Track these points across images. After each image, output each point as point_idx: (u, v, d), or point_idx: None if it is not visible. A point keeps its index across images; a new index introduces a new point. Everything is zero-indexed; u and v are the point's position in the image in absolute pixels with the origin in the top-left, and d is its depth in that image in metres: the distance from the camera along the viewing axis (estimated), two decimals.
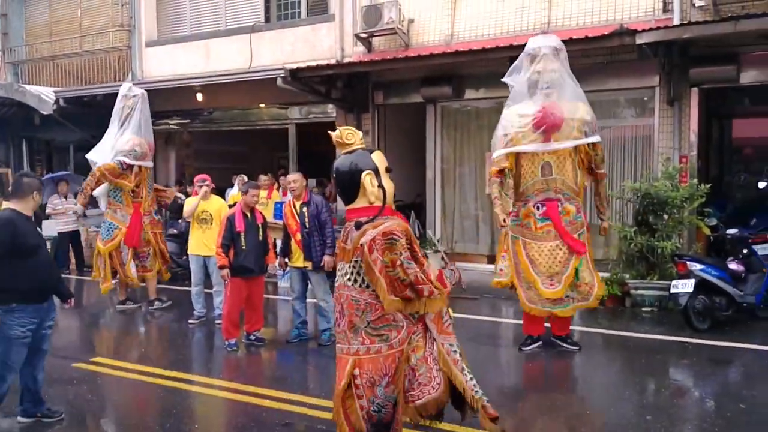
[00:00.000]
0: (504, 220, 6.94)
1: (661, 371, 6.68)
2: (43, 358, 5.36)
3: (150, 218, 10.00)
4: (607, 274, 9.45)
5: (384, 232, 3.56)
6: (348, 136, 3.88)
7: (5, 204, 5.19)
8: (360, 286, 3.66)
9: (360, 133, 4.01)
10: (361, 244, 3.60)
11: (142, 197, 9.81)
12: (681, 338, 7.56)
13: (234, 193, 12.44)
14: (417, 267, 3.57)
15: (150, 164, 10.05)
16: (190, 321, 8.80)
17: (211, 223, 8.53)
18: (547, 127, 6.70)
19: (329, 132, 4.05)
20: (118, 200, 9.75)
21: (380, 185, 3.78)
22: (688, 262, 7.94)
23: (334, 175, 3.86)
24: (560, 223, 6.82)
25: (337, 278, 3.86)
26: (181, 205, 13.26)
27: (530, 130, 6.76)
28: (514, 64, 7.13)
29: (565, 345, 7.18)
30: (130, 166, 9.60)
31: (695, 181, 9.28)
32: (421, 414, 3.79)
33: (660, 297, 8.91)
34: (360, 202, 3.77)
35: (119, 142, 9.69)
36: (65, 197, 13.04)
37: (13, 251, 4.87)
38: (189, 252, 8.89)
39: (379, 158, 3.92)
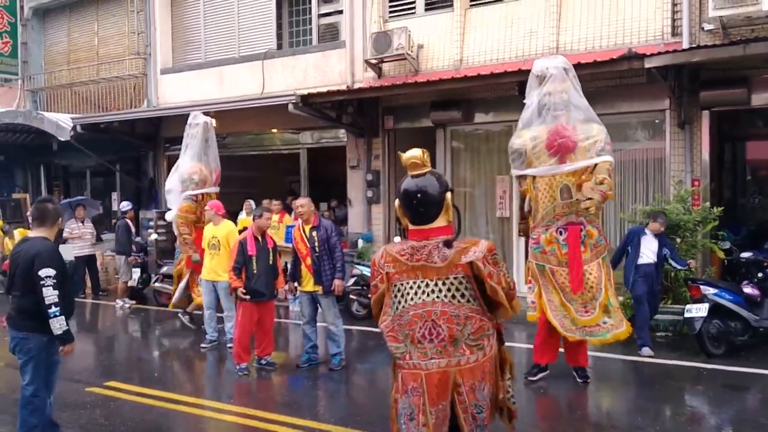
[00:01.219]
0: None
1: (675, 397, 6.61)
2: (55, 383, 5.40)
3: None
4: (621, 298, 9.39)
5: (489, 247, 3.77)
6: (427, 158, 3.97)
7: (32, 232, 5.20)
8: (459, 301, 3.78)
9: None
10: (470, 261, 3.74)
11: (203, 222, 9.72)
12: (696, 363, 7.49)
13: (243, 217, 12.53)
14: None
15: (213, 190, 10.06)
16: (202, 345, 8.84)
17: (219, 249, 8.58)
18: (559, 149, 6.61)
19: (400, 153, 4.11)
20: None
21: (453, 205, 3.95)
22: (701, 286, 7.88)
23: (419, 196, 3.86)
24: (578, 249, 6.67)
25: (415, 296, 3.86)
26: None
27: (543, 152, 6.68)
28: (527, 87, 7.04)
29: (577, 376, 7.03)
30: (199, 196, 9.72)
31: (708, 204, 9.25)
32: (500, 410, 4.00)
33: (674, 321, 8.83)
34: (440, 222, 3.86)
35: (181, 170, 9.84)
36: (82, 222, 13.21)
37: (62, 279, 4.97)
38: (200, 277, 8.96)
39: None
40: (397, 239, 4.37)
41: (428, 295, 3.82)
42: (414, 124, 12.22)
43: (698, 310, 7.73)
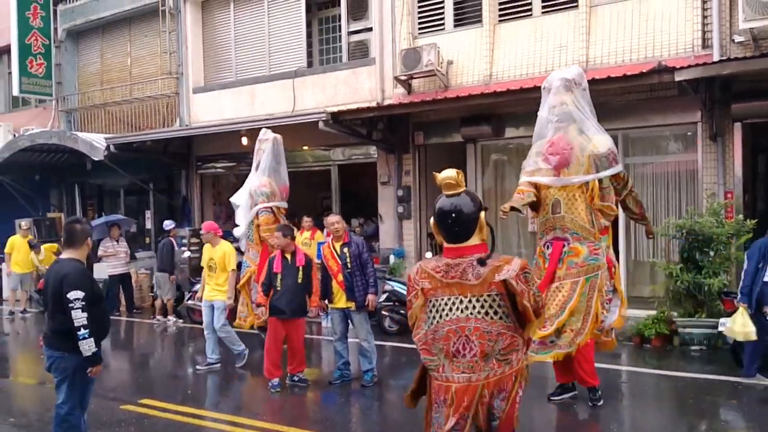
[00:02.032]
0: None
1: (710, 412, 6.54)
2: (89, 401, 5.50)
3: None
4: (653, 312, 9.33)
5: (522, 266, 3.89)
6: (461, 179, 4.09)
7: (63, 254, 5.30)
8: (491, 318, 3.92)
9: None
10: (503, 279, 3.88)
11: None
12: (731, 378, 7.38)
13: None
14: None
15: (282, 204, 10.12)
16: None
17: (215, 270, 8.75)
18: (555, 163, 6.48)
19: (435, 174, 4.20)
20: (251, 240, 9.87)
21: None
22: (735, 300, 7.76)
23: (453, 215, 4.01)
24: (554, 266, 6.52)
25: (450, 312, 3.99)
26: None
27: (543, 165, 6.57)
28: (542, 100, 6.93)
29: (564, 396, 6.84)
30: (272, 208, 9.79)
31: (741, 216, 9.14)
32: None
33: (709, 335, 8.73)
34: (474, 240, 4.00)
35: (253, 185, 9.94)
36: (117, 240, 13.46)
37: (91, 301, 5.03)
38: (199, 296, 9.22)
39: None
40: (429, 255, 4.52)
41: (462, 311, 3.94)
42: (444, 139, 12.26)
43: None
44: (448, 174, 4.07)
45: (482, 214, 3.99)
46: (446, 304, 3.98)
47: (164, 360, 9.95)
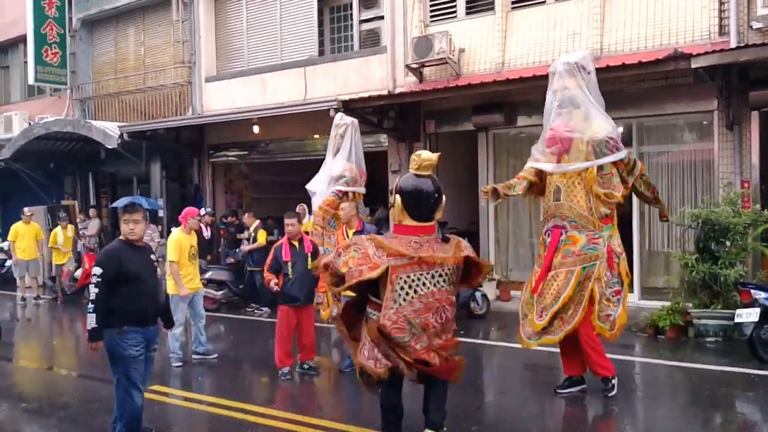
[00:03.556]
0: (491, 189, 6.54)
1: (726, 404, 6.45)
2: (147, 379, 5.64)
3: None
4: (668, 303, 9.22)
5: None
6: (437, 161, 4.78)
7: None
8: (451, 287, 4.64)
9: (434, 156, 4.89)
10: (467, 255, 4.73)
11: (343, 223, 9.38)
12: (747, 369, 7.27)
13: (305, 221, 12.41)
14: None
15: (361, 190, 9.56)
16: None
17: (197, 257, 8.61)
18: (554, 148, 6.37)
19: (417, 154, 4.76)
20: (332, 227, 9.66)
21: None
22: (752, 290, 7.67)
23: (436, 195, 4.67)
24: (551, 254, 6.41)
25: (424, 287, 4.52)
26: (236, 236, 13.54)
27: (545, 151, 6.46)
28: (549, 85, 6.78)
29: (571, 389, 6.68)
30: (345, 193, 9.29)
31: (758, 206, 9.01)
32: None
33: (724, 327, 8.61)
34: (433, 219, 4.62)
35: (332, 170, 9.51)
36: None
37: (118, 279, 5.19)
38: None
39: None
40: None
41: (435, 285, 4.51)
42: (456, 127, 12.18)
43: (749, 315, 7.51)
44: (431, 156, 4.70)
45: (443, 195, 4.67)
46: (419, 279, 4.46)
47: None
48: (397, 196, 4.58)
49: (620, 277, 6.48)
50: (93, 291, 5.13)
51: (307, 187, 9.90)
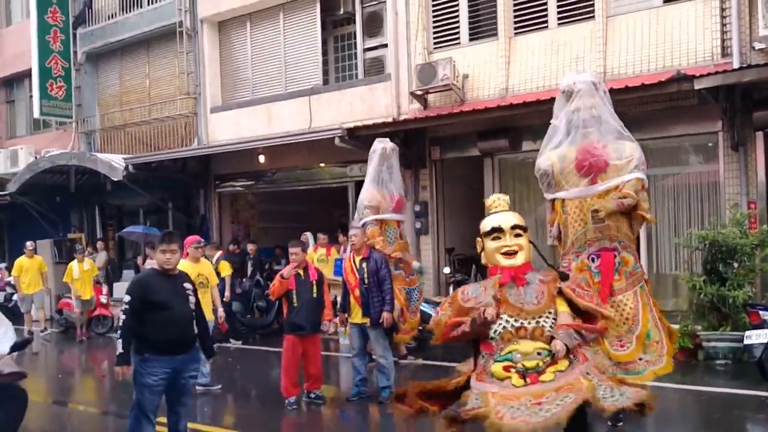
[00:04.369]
0: None
1: (738, 428, 6.37)
2: (186, 406, 5.65)
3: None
4: (677, 326, 9.10)
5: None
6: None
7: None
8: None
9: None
10: None
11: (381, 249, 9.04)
12: (758, 392, 7.16)
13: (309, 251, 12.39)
14: None
15: (390, 217, 9.39)
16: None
17: (207, 286, 8.34)
18: (590, 169, 6.01)
19: (483, 199, 4.93)
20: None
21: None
22: (761, 312, 7.58)
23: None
24: (610, 278, 6.02)
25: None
26: (241, 264, 13.50)
27: (573, 173, 6.10)
28: (555, 105, 6.47)
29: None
30: (383, 222, 9.20)
31: (765, 227, 8.94)
32: None
33: (734, 349, 8.50)
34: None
35: (360, 198, 9.53)
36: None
37: (145, 307, 5.28)
38: None
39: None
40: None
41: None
42: (461, 153, 12.19)
43: (758, 336, 7.40)
44: (492, 198, 4.89)
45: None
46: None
47: None
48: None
49: None
50: (122, 317, 5.32)
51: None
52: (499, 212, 4.79)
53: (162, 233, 5.80)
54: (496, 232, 4.66)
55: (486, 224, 4.74)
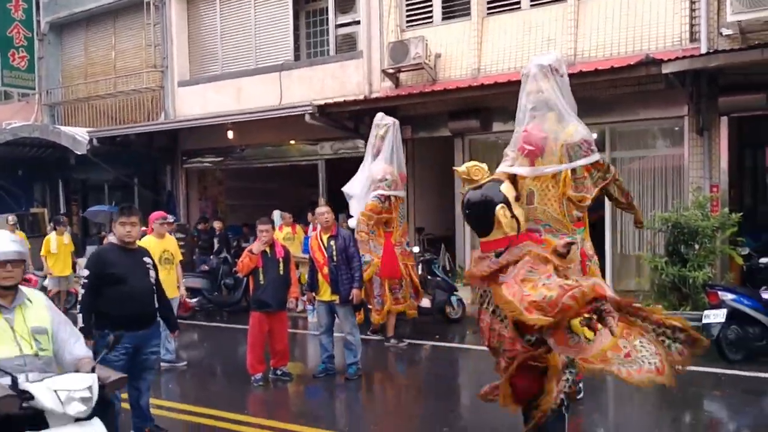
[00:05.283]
0: None
1: (694, 403, 6.52)
2: (146, 381, 5.61)
3: (401, 249, 9.38)
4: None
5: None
6: (475, 173, 4.06)
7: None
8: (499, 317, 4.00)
9: (485, 167, 4.20)
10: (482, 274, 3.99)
11: (393, 227, 9.31)
12: (715, 369, 7.34)
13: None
14: None
15: (402, 194, 9.50)
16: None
17: (173, 263, 8.24)
18: (529, 152, 6.16)
19: (454, 168, 4.24)
20: (373, 231, 9.28)
21: (513, 215, 3.95)
22: (719, 292, 7.77)
23: (467, 211, 4.05)
24: None
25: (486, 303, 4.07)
26: (209, 241, 13.43)
27: (518, 154, 6.24)
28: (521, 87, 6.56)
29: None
30: (387, 197, 9.17)
31: (726, 210, 9.13)
32: None
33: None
34: (496, 234, 3.96)
35: (373, 172, 9.32)
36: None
37: (103, 281, 5.23)
38: None
39: (507, 189, 4.11)
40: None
41: (481, 304, 4.12)
42: (432, 133, 12.19)
43: (716, 316, 7.61)
44: (463, 168, 4.17)
45: (499, 209, 3.89)
46: (486, 293, 4.05)
47: None
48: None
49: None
50: (81, 291, 5.33)
51: (344, 189, 9.72)
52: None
53: (121, 206, 5.70)
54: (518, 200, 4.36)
55: (509, 192, 4.18)
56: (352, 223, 9.58)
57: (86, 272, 5.30)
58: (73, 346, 3.72)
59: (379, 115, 9.63)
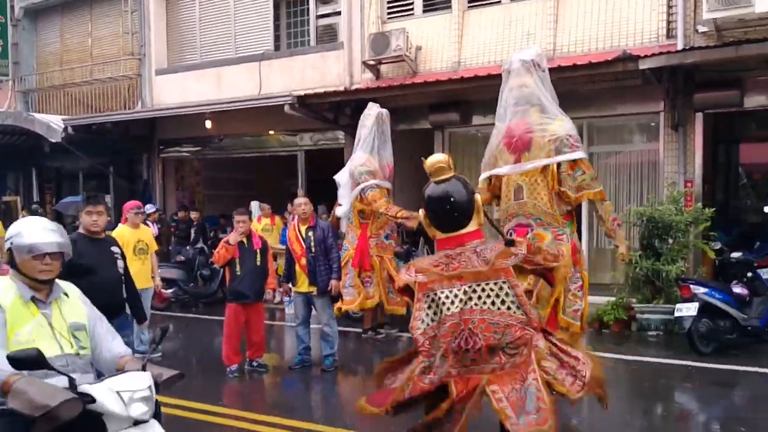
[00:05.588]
0: None
1: (665, 395, 6.63)
2: None
3: (377, 241, 9.34)
4: (612, 298, 9.43)
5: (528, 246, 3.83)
6: (451, 163, 3.95)
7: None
8: (498, 308, 3.67)
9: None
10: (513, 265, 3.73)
11: (369, 219, 9.29)
12: (686, 362, 7.50)
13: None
14: None
15: (384, 184, 9.36)
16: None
17: (147, 253, 8.10)
18: (515, 147, 6.20)
19: (423, 159, 4.01)
20: (350, 221, 9.39)
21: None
22: (692, 286, 7.90)
23: (449, 202, 3.80)
24: None
25: (451, 305, 3.69)
26: (187, 231, 13.33)
27: (503, 150, 6.30)
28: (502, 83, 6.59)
29: None
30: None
31: (700, 205, 9.27)
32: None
33: (666, 321, 8.85)
34: (472, 226, 3.84)
35: (353, 163, 9.32)
36: None
37: (70, 271, 4.99)
38: None
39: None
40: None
41: (466, 303, 3.68)
42: (412, 126, 12.18)
43: (688, 309, 7.76)
44: (437, 158, 3.91)
45: (477, 196, 3.83)
46: (447, 297, 3.70)
47: None
48: (421, 211, 3.97)
49: (580, 272, 6.46)
50: None
51: (335, 177, 9.70)
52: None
53: (87, 195, 5.62)
54: None
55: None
56: (339, 211, 9.58)
57: None
58: (111, 343, 3.52)
59: (369, 105, 9.59)
